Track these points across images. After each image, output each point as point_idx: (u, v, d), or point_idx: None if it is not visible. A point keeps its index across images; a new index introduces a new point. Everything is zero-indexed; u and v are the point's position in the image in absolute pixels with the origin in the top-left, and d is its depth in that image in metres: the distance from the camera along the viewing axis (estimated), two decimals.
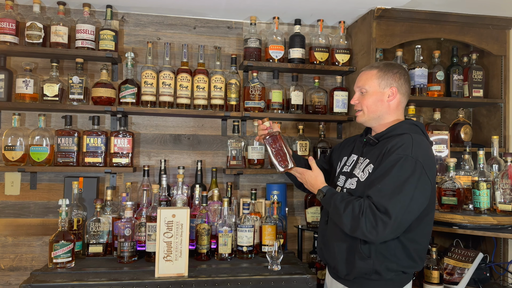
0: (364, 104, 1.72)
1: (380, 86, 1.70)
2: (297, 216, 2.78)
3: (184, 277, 1.88)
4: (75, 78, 2.35)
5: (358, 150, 1.78)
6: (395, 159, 1.52)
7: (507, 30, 2.65)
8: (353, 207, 1.51)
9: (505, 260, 2.56)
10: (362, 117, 1.74)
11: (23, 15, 2.47)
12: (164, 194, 2.21)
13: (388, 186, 1.49)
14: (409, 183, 1.49)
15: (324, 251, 1.77)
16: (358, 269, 1.59)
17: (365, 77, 1.73)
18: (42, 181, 2.50)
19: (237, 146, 2.53)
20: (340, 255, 1.65)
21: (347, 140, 1.97)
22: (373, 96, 1.70)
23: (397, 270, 1.60)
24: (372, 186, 1.54)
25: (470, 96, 2.66)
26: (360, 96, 1.74)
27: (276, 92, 2.59)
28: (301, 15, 2.65)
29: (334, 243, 1.68)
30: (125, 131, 2.42)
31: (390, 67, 1.72)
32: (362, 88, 1.73)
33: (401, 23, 2.48)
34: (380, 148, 1.65)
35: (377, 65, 1.74)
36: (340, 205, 1.55)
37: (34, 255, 2.47)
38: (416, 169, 1.50)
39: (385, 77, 1.70)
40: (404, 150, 1.53)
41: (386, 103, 1.70)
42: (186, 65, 2.52)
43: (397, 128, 1.67)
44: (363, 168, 1.66)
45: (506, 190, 2.08)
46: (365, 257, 1.57)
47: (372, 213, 1.47)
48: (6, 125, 2.44)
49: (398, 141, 1.57)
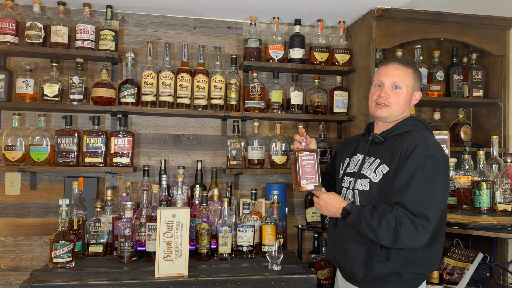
0: (395, 101, 1.64)
1: (413, 87, 1.68)
2: (297, 216, 2.78)
3: (184, 277, 1.89)
4: (75, 78, 2.35)
5: (363, 150, 1.74)
6: (416, 160, 1.51)
7: (507, 30, 2.65)
8: (387, 221, 1.46)
9: (505, 260, 2.56)
10: (387, 112, 1.66)
11: (23, 15, 2.47)
12: (164, 194, 2.21)
13: (418, 189, 1.48)
14: (437, 183, 1.50)
15: (336, 254, 1.72)
16: (376, 272, 1.55)
17: (402, 74, 1.64)
18: (42, 181, 2.50)
19: (237, 146, 2.53)
20: (356, 258, 1.60)
21: (348, 142, 1.95)
22: (407, 96, 1.66)
23: (416, 271, 1.58)
24: (400, 191, 1.50)
25: (470, 96, 2.66)
26: (391, 91, 1.65)
27: (276, 92, 2.59)
28: (301, 15, 2.65)
29: (349, 246, 1.63)
30: (125, 131, 2.42)
31: (418, 71, 1.71)
32: (397, 83, 1.64)
33: (401, 23, 2.48)
34: (389, 146, 1.62)
35: (409, 64, 1.69)
36: (373, 221, 1.49)
37: (34, 255, 2.47)
38: (439, 167, 1.52)
39: (417, 80, 1.68)
40: (422, 149, 1.52)
41: (411, 105, 1.70)
42: (186, 65, 2.52)
43: (403, 126, 1.66)
44: (375, 169, 1.62)
45: (506, 190, 2.09)
46: (384, 259, 1.54)
47: (410, 221, 1.44)
48: (6, 125, 2.44)
49: (411, 141, 1.56)
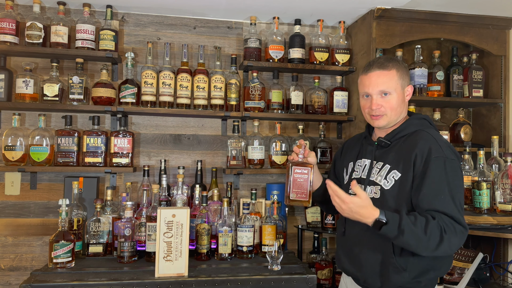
0: (389, 107, 1.59)
1: (402, 86, 1.61)
2: (297, 216, 2.78)
3: (184, 277, 1.88)
4: (75, 78, 2.35)
5: (369, 154, 1.67)
6: (438, 165, 1.48)
7: (507, 30, 2.65)
8: (432, 229, 1.40)
9: (505, 260, 2.56)
10: (384, 120, 1.61)
11: (23, 15, 2.47)
12: (164, 194, 2.21)
13: (451, 195, 1.46)
14: (460, 186, 1.51)
15: (347, 263, 1.67)
16: (393, 282, 1.51)
17: (386, 79, 1.59)
18: (42, 181, 2.50)
19: (237, 146, 2.53)
20: (370, 267, 1.56)
21: (347, 145, 1.87)
22: (398, 97, 1.60)
23: (433, 279, 1.57)
24: (433, 198, 1.46)
25: (470, 96, 2.66)
26: (381, 99, 1.59)
27: (276, 92, 2.59)
28: (301, 15, 2.65)
29: (361, 255, 1.59)
30: (125, 131, 2.42)
31: (402, 64, 1.65)
32: (384, 91, 1.59)
33: (401, 23, 2.48)
34: (399, 150, 1.58)
35: (390, 63, 1.61)
36: (417, 230, 1.41)
37: (34, 255, 2.47)
38: (458, 169, 1.52)
39: (403, 77, 1.62)
40: (438, 152, 1.49)
41: (405, 102, 1.65)
42: (186, 65, 2.52)
43: (409, 126, 1.61)
44: (385, 175, 1.56)
45: (506, 190, 2.09)
46: (401, 270, 1.50)
47: (453, 228, 1.42)
48: (6, 125, 2.44)
49: (423, 144, 1.52)
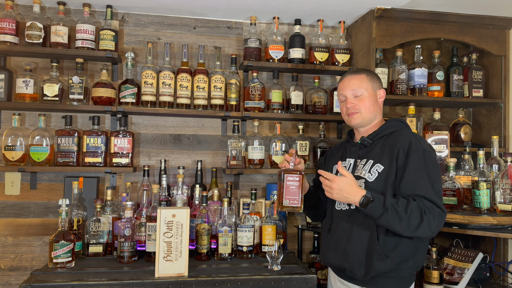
0: (363, 106, 1.79)
1: (373, 88, 1.82)
2: (297, 216, 2.78)
3: (184, 277, 1.88)
4: (75, 78, 2.35)
5: (353, 154, 1.83)
6: (418, 155, 1.64)
7: (507, 30, 2.65)
8: (412, 209, 1.55)
9: (505, 260, 2.56)
10: (359, 118, 1.80)
11: (23, 15, 2.47)
12: (164, 194, 2.21)
13: (430, 182, 1.61)
14: (437, 175, 1.66)
15: (332, 256, 1.77)
16: (377, 269, 1.63)
17: (357, 81, 1.80)
18: (42, 181, 2.50)
19: (237, 146, 2.53)
20: (356, 258, 1.67)
21: (331, 152, 2.04)
22: (370, 98, 1.80)
23: (413, 267, 1.68)
24: (414, 185, 1.60)
25: (470, 96, 2.66)
26: (355, 99, 1.80)
27: (276, 92, 2.59)
28: (301, 15, 2.65)
29: (347, 247, 1.70)
30: (125, 131, 2.42)
31: (372, 72, 1.87)
32: (356, 90, 1.79)
33: (401, 23, 2.48)
34: (381, 147, 1.74)
35: (361, 71, 1.85)
36: (400, 209, 1.55)
37: (34, 255, 2.47)
38: (435, 160, 1.67)
39: (374, 80, 1.83)
40: (417, 145, 1.66)
41: (379, 104, 1.85)
42: (186, 65, 2.52)
43: (389, 127, 1.80)
44: (369, 169, 1.71)
45: (506, 190, 2.09)
46: (384, 257, 1.62)
47: (432, 209, 1.56)
48: (6, 125, 2.44)
49: (404, 139, 1.70)
